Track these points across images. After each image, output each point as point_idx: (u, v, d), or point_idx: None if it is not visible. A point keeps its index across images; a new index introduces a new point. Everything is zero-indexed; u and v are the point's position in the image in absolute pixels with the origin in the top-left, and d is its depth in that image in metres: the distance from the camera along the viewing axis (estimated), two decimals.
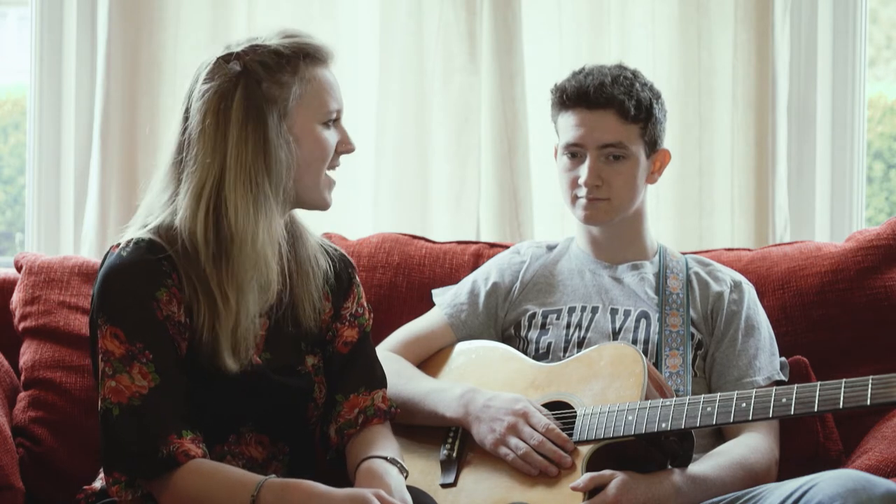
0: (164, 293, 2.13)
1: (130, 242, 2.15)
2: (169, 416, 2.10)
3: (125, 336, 2.10)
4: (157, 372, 2.10)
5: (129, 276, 2.13)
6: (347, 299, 2.35)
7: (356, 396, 2.31)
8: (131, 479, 2.09)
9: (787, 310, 2.75)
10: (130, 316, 2.12)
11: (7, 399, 2.69)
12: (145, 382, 2.10)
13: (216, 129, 2.14)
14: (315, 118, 2.19)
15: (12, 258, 2.96)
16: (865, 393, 2.09)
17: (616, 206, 2.57)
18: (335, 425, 2.29)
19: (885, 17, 3.71)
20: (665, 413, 2.25)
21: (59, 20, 3.31)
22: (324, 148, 2.20)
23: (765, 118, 3.21)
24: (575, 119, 2.56)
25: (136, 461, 2.08)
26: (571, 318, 2.59)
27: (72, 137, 3.31)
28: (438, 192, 3.27)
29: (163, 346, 2.12)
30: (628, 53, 3.22)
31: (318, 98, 2.19)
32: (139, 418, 2.08)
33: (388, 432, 2.32)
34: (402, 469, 2.20)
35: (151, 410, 2.08)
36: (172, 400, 2.11)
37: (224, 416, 2.19)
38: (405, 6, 3.25)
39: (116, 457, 2.10)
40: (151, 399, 2.09)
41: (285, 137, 2.16)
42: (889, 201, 3.70)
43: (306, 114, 2.18)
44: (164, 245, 2.14)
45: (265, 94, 2.15)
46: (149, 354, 2.10)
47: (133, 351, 2.10)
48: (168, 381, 2.11)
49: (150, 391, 2.09)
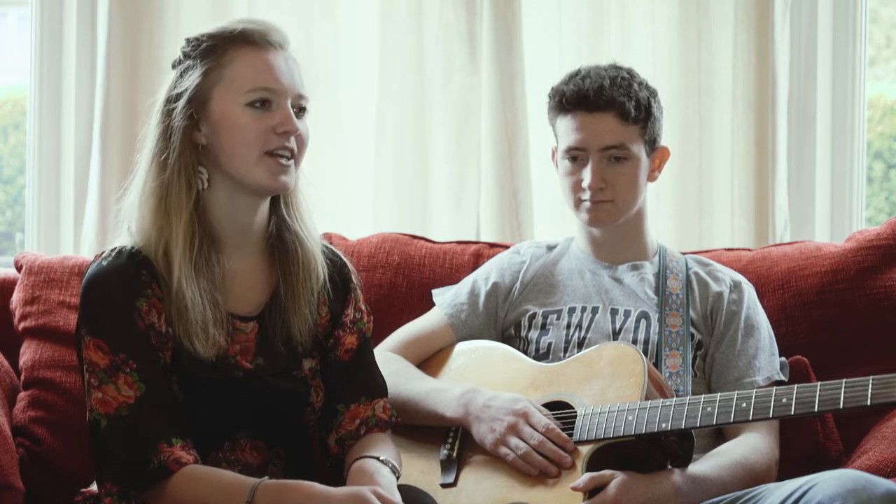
0: (143, 303, 2.12)
1: (114, 251, 2.16)
2: (157, 424, 2.09)
3: (108, 347, 2.10)
4: (141, 381, 2.09)
5: (109, 286, 2.13)
6: (347, 305, 2.33)
7: (357, 406, 2.30)
8: (123, 490, 2.08)
9: (787, 310, 2.75)
10: (111, 327, 2.11)
11: (7, 399, 2.69)
12: (131, 392, 2.09)
13: (150, 126, 2.20)
14: (236, 100, 2.15)
15: (12, 258, 2.96)
16: (866, 393, 2.09)
17: (620, 207, 2.57)
18: (335, 435, 2.28)
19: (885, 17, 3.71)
20: (665, 413, 2.25)
21: (59, 20, 3.31)
22: (244, 131, 2.14)
23: (765, 118, 3.21)
24: (575, 122, 2.56)
25: (127, 472, 2.07)
26: (572, 318, 2.59)
27: (72, 137, 3.30)
28: (438, 192, 3.27)
29: (146, 355, 2.11)
30: (628, 54, 3.22)
31: (239, 80, 2.15)
32: (127, 428, 2.07)
33: (387, 438, 2.31)
34: (394, 469, 2.18)
35: (139, 420, 2.08)
36: (159, 408, 2.10)
37: (218, 422, 2.18)
38: (405, 6, 3.25)
39: (107, 467, 2.09)
40: (138, 408, 2.08)
41: (202, 125, 2.16)
42: (889, 201, 3.70)
43: (226, 97, 2.15)
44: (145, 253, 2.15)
45: (180, 83, 2.16)
46: (132, 364, 2.10)
47: (116, 361, 2.09)
48: (153, 390, 2.10)
49: (137, 400, 2.08)
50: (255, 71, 2.16)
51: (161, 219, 2.14)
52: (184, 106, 2.15)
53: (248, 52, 2.17)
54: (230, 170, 2.16)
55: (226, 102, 2.15)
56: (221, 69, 2.16)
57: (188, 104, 2.15)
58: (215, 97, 2.16)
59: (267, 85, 2.16)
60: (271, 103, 2.16)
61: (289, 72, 2.19)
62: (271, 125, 2.15)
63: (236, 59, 2.16)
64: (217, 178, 2.18)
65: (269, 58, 2.17)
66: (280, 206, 2.26)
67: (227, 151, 2.15)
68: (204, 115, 2.16)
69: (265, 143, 2.15)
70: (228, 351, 2.17)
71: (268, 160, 2.16)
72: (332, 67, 3.29)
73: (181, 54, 2.20)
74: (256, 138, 2.15)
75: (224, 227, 2.20)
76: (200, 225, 2.16)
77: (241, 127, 2.15)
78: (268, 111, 2.16)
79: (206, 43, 2.17)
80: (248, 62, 2.16)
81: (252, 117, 2.15)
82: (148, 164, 2.17)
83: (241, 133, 2.15)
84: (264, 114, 2.16)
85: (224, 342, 2.16)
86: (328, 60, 3.28)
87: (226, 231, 2.21)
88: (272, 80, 2.16)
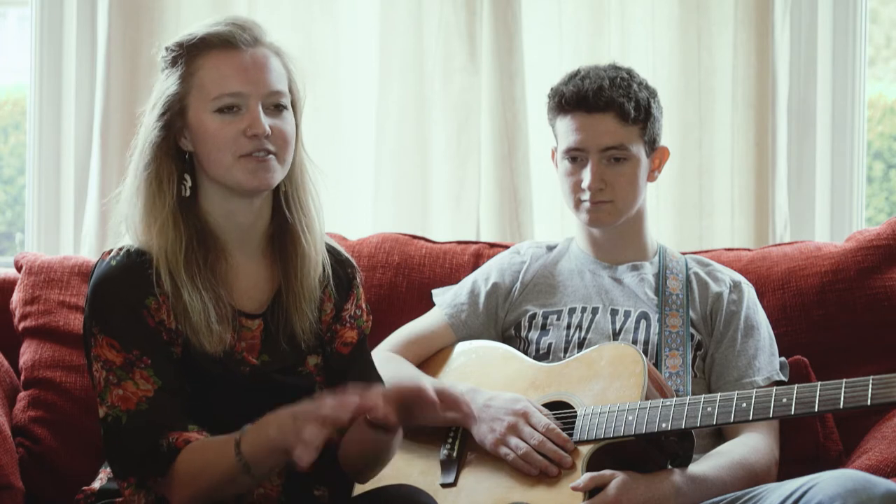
0: (152, 301, 2.13)
1: (121, 250, 2.16)
2: (175, 414, 2.10)
3: (120, 345, 2.11)
4: (157, 375, 2.10)
5: (118, 285, 2.13)
6: (348, 301, 2.34)
7: None
8: (141, 480, 2.09)
9: (787, 310, 2.75)
10: (122, 326, 2.12)
11: (7, 399, 2.69)
12: (149, 386, 2.10)
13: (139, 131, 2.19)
14: (206, 108, 2.14)
15: (12, 258, 2.96)
16: (866, 393, 2.09)
17: (620, 207, 2.57)
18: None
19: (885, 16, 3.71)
20: (665, 413, 2.25)
21: (59, 20, 3.31)
22: (215, 137, 2.13)
23: (765, 118, 3.21)
24: (574, 123, 2.56)
25: (145, 461, 2.08)
26: (572, 318, 2.59)
27: (72, 137, 3.30)
28: (438, 192, 3.27)
29: (158, 350, 2.12)
30: (628, 54, 3.22)
31: (206, 87, 2.14)
32: (148, 421, 2.08)
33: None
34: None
35: (159, 411, 2.09)
36: (176, 399, 2.11)
37: (224, 418, 2.18)
38: (405, 6, 3.25)
39: (129, 462, 2.10)
40: (157, 400, 2.09)
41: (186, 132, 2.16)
42: (889, 201, 3.70)
43: (198, 105, 2.14)
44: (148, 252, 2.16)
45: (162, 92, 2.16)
46: (146, 360, 2.11)
47: (131, 358, 2.10)
48: (169, 383, 2.11)
49: (156, 393, 2.10)
50: (220, 76, 2.14)
51: (149, 225, 2.16)
52: (158, 116, 2.15)
53: (213, 57, 2.15)
54: (212, 173, 2.17)
55: (198, 110, 2.15)
56: (192, 77, 2.15)
57: (165, 113, 2.15)
58: (191, 105, 2.15)
59: (230, 90, 2.14)
60: (240, 107, 2.14)
61: (257, 71, 2.16)
62: (240, 129, 2.14)
63: (203, 66, 2.15)
64: (206, 182, 2.19)
65: (235, 61, 2.15)
66: (282, 204, 2.26)
67: (206, 157, 2.16)
68: (184, 124, 2.16)
69: (236, 147, 2.14)
70: (235, 347, 2.18)
71: (243, 161, 2.14)
72: (332, 67, 3.28)
73: (161, 62, 2.20)
74: (226, 144, 2.13)
75: (223, 227, 2.21)
76: (192, 227, 2.17)
77: (213, 134, 2.14)
78: (237, 114, 2.14)
79: (176, 52, 2.17)
80: (213, 68, 2.15)
81: (220, 123, 2.14)
82: (133, 172, 2.19)
83: (212, 140, 2.14)
84: (234, 118, 2.14)
85: (231, 338, 2.17)
86: (328, 60, 3.28)
87: (226, 231, 2.21)
88: (236, 84, 2.14)
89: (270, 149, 2.15)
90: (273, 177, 2.16)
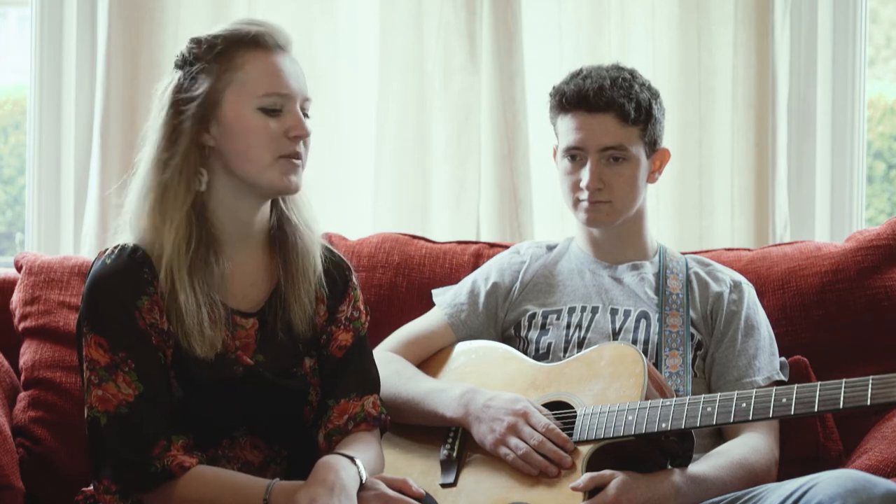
0: (145, 301, 2.13)
1: (116, 248, 2.16)
2: (157, 421, 2.10)
3: (108, 345, 2.11)
4: (139, 380, 2.10)
5: (112, 284, 2.14)
6: (343, 303, 2.34)
7: (347, 402, 2.28)
8: (123, 489, 2.09)
9: (787, 310, 2.75)
10: (113, 325, 2.12)
11: (7, 399, 2.69)
12: (130, 391, 2.10)
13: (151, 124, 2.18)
14: (248, 104, 2.16)
15: (12, 258, 2.96)
16: (865, 393, 2.09)
17: (618, 208, 2.57)
18: (324, 431, 2.27)
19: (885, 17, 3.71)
20: (665, 413, 2.25)
21: (59, 20, 3.31)
22: (258, 134, 2.15)
23: (765, 118, 3.21)
24: (575, 122, 2.56)
25: (127, 472, 2.08)
26: (571, 318, 2.59)
27: (72, 137, 3.31)
28: (438, 192, 3.27)
29: (145, 354, 2.12)
30: (628, 54, 3.22)
31: (251, 84, 2.16)
32: (127, 426, 2.09)
33: (371, 438, 2.28)
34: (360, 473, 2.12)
35: (139, 417, 2.09)
36: (158, 406, 2.11)
37: (216, 419, 2.19)
38: (405, 6, 3.25)
39: (105, 465, 2.10)
40: (137, 406, 2.09)
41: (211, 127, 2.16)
42: (890, 201, 3.70)
43: (238, 100, 2.15)
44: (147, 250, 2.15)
45: (190, 85, 2.15)
46: (131, 364, 2.11)
47: (116, 360, 2.11)
48: (152, 389, 2.11)
49: (136, 398, 2.10)
50: (268, 75, 2.17)
51: (157, 219, 2.15)
52: (196, 109, 2.15)
53: (260, 55, 2.17)
54: (241, 171, 2.17)
55: (238, 105, 2.16)
56: (233, 72, 2.16)
57: (194, 105, 2.15)
58: (227, 100, 2.16)
59: (279, 90, 2.17)
60: (281, 108, 2.17)
61: (296, 76, 2.21)
62: (283, 129, 2.17)
63: (248, 63, 2.17)
64: (222, 179, 2.19)
65: (279, 61, 2.19)
66: (279, 200, 2.27)
67: (241, 153, 2.16)
68: (214, 118, 2.16)
69: (278, 147, 2.16)
70: (229, 346, 2.18)
71: (282, 162, 2.17)
72: (332, 67, 3.29)
73: (189, 55, 2.19)
74: (270, 142, 2.16)
75: (225, 226, 2.21)
76: (199, 225, 2.17)
77: (255, 130, 2.16)
78: (278, 115, 2.17)
79: (218, 45, 2.17)
80: (261, 66, 2.17)
81: (264, 121, 2.16)
82: (149, 164, 2.17)
83: (254, 136, 2.16)
84: (275, 118, 2.17)
85: (225, 338, 2.17)
86: (328, 60, 3.28)
87: (227, 230, 2.21)
88: (283, 86, 2.18)
89: (303, 153, 2.19)
90: (301, 181, 2.21)
